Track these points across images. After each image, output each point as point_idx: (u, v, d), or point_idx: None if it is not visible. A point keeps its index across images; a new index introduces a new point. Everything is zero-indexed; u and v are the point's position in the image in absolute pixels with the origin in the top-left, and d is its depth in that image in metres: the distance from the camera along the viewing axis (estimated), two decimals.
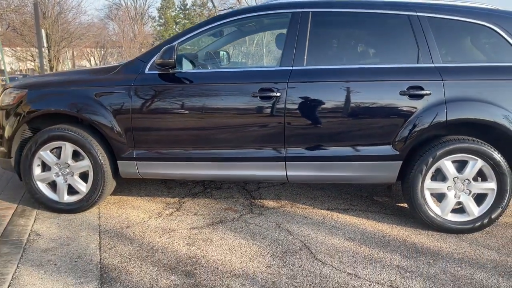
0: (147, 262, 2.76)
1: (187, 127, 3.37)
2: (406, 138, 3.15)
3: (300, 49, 3.25)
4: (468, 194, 3.19)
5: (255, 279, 2.56)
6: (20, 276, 2.57)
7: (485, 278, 2.60)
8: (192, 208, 3.74)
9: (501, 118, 3.07)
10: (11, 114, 3.55)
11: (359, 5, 3.35)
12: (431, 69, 3.13)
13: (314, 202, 3.90)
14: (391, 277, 2.60)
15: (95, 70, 3.90)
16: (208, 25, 3.45)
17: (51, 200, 3.56)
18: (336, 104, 3.22)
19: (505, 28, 3.18)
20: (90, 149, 3.41)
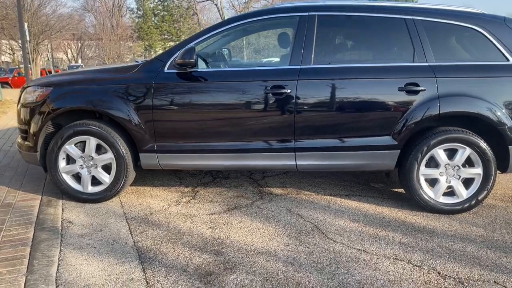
0: (178, 244, 3.06)
1: (205, 122, 3.67)
2: (403, 129, 3.52)
3: (308, 49, 3.58)
4: (457, 179, 3.59)
5: (277, 255, 2.90)
6: (66, 258, 2.84)
7: (475, 250, 3.00)
8: (206, 196, 4.05)
9: (486, 110, 3.47)
10: (36, 111, 3.77)
11: (360, 9, 3.69)
12: (426, 68, 3.50)
13: (317, 189, 4.26)
14: (395, 251, 2.98)
15: (115, 69, 4.13)
16: (222, 27, 3.73)
17: (76, 190, 3.82)
18: (340, 99, 3.56)
19: (489, 30, 3.57)
20: (114, 143, 3.67)
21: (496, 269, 2.74)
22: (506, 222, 3.49)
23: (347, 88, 3.55)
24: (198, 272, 2.68)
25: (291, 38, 3.78)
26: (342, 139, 3.59)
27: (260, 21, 3.83)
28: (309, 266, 2.75)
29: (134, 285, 2.52)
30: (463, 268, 2.75)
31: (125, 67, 3.94)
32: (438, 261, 2.83)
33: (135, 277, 2.62)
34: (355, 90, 3.55)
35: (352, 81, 3.55)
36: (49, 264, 2.74)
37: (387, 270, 2.72)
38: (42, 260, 2.78)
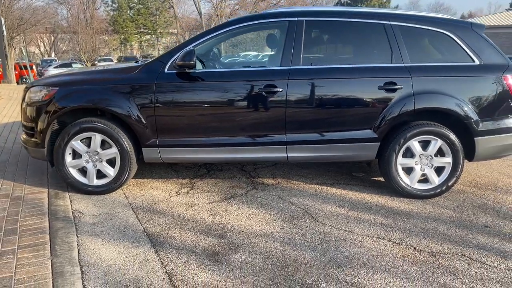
0: (184, 229, 3.39)
1: (204, 118, 3.98)
2: (383, 123, 3.93)
3: (297, 52, 3.94)
4: (430, 167, 4.03)
5: (274, 237, 3.27)
6: (84, 244, 3.13)
7: (445, 229, 3.44)
8: (204, 187, 4.38)
9: (455, 106, 3.91)
10: (43, 110, 4.00)
11: (344, 15, 4.07)
12: (402, 68, 3.91)
13: (305, 179, 4.65)
14: (377, 231, 3.39)
15: (118, 70, 4.38)
16: (219, 30, 4.04)
17: (82, 183, 4.08)
18: (327, 97, 3.94)
19: (457, 34, 4.01)
20: (118, 138, 3.95)
21: (463, 244, 3.18)
22: (472, 205, 3.95)
23: (333, 87, 3.93)
24: (206, 253, 3.02)
25: (281, 41, 4.10)
26: (328, 133, 3.98)
27: (254, 25, 4.16)
28: (303, 246, 3.13)
29: (150, 265, 2.85)
30: (435, 244, 3.18)
31: (127, 68, 4.21)
32: (414, 239, 3.26)
33: (150, 258, 2.94)
34: (340, 88, 3.94)
35: (337, 80, 3.93)
36: (70, 249, 3.03)
37: (370, 247, 3.13)
38: (62, 245, 3.06)
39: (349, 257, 2.97)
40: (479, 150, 3.99)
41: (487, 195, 4.22)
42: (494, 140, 4.00)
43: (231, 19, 4.31)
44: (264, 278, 2.70)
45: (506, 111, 4.00)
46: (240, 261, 2.91)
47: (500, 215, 3.73)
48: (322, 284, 2.64)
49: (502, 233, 3.38)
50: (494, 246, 3.15)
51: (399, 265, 2.88)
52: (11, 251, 2.95)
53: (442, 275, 2.76)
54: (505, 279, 2.72)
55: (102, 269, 2.78)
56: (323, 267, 2.83)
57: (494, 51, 4.02)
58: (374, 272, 2.79)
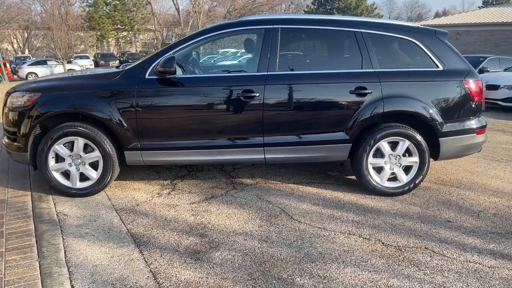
0: (167, 229, 3.55)
1: (184, 122, 4.14)
2: (354, 126, 4.16)
3: (273, 58, 4.13)
4: (399, 167, 4.29)
5: (252, 235, 3.47)
6: (70, 245, 3.26)
7: (412, 224, 3.70)
8: (185, 188, 4.54)
9: (421, 109, 4.17)
10: (26, 115, 4.09)
11: (317, 23, 4.29)
12: (372, 73, 4.15)
13: (282, 178, 4.86)
14: (349, 228, 3.62)
15: (100, 75, 4.47)
16: (198, 37, 4.21)
17: (66, 186, 4.19)
18: (302, 101, 4.15)
19: (423, 41, 4.27)
20: (101, 142, 4.08)
21: (427, 238, 3.44)
22: (437, 201, 4.23)
23: (307, 91, 4.14)
24: (188, 251, 3.19)
25: (258, 47, 4.28)
26: (303, 135, 4.19)
27: (231, 32, 4.33)
28: (280, 243, 3.34)
29: (135, 264, 3.00)
30: (401, 239, 3.43)
31: (109, 73, 4.32)
32: (383, 234, 3.50)
33: (135, 257, 3.10)
34: (314, 93, 4.15)
35: (311, 85, 4.14)
36: (57, 250, 3.16)
37: (342, 243, 3.36)
38: (49, 247, 3.19)
39: (322, 253, 3.19)
40: (444, 149, 4.27)
41: (451, 192, 4.51)
42: (457, 140, 4.29)
43: (209, 26, 4.46)
44: (243, 274, 2.89)
45: (467, 113, 4.29)
46: (220, 258, 3.09)
47: (462, 211, 4.01)
48: (297, 278, 2.85)
49: (463, 227, 3.65)
50: (455, 240, 3.42)
51: (368, 259, 3.11)
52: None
53: (406, 267, 3.00)
54: (463, 270, 2.98)
55: (89, 269, 2.93)
56: (298, 263, 3.05)
57: (457, 57, 4.30)
58: (345, 266, 3.01)
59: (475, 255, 3.18)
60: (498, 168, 5.45)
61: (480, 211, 4.00)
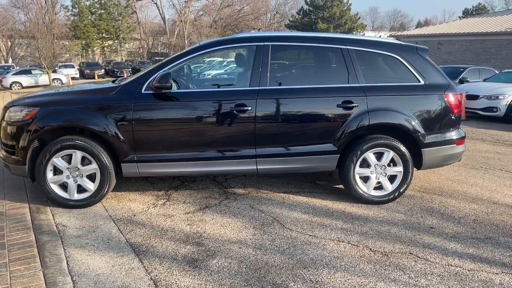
0: (164, 239, 3.70)
1: (179, 135, 4.30)
2: (341, 137, 4.38)
3: (264, 73, 4.33)
4: (384, 176, 4.51)
5: (247, 243, 3.63)
6: (71, 255, 3.39)
7: (397, 231, 3.91)
8: (179, 198, 4.69)
9: (404, 121, 4.41)
10: (24, 129, 4.20)
11: (305, 40, 4.52)
12: (358, 88, 4.38)
13: (273, 188, 5.05)
14: (338, 235, 3.82)
15: (97, 90, 4.62)
16: (193, 53, 4.39)
17: (63, 198, 4.30)
18: (292, 114, 4.35)
19: (405, 57, 4.53)
20: (98, 155, 4.21)
21: (412, 244, 3.65)
22: (421, 209, 4.46)
23: (297, 105, 4.35)
24: (186, 260, 3.35)
25: (249, 62, 4.48)
26: (293, 146, 4.39)
27: (224, 49, 4.53)
28: (273, 250, 3.52)
29: (136, 273, 3.15)
30: (388, 244, 3.64)
31: (106, 88, 4.47)
32: (370, 241, 3.71)
33: (135, 266, 3.24)
34: (303, 106, 4.36)
35: (300, 99, 4.35)
36: (59, 260, 3.28)
37: (332, 249, 3.55)
38: (51, 258, 3.31)
39: (314, 259, 3.37)
40: (426, 159, 4.51)
41: (434, 199, 4.74)
42: (438, 151, 4.54)
43: (203, 42, 4.65)
44: (239, 280, 3.06)
45: (448, 125, 4.55)
46: (217, 266, 3.25)
47: (444, 217, 4.24)
48: (291, 284, 3.02)
49: (445, 233, 3.88)
50: (437, 245, 3.64)
51: (357, 264, 3.31)
52: (3, 264, 3.18)
53: (392, 271, 3.20)
54: (445, 273, 3.19)
55: (91, 278, 3.06)
56: (291, 269, 3.22)
57: (437, 72, 4.57)
58: (335, 271, 3.20)
59: (456, 259, 3.40)
60: (478, 176, 5.72)
61: (460, 218, 4.24)
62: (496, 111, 10.86)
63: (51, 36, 34.40)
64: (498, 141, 8.41)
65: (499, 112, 10.81)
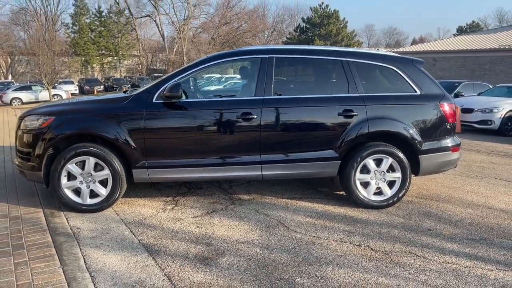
0: (175, 240, 3.88)
1: (188, 142, 4.51)
2: (342, 144, 4.60)
3: (269, 84, 4.57)
4: (384, 181, 4.72)
5: (254, 243, 3.82)
6: (88, 254, 3.56)
7: (397, 232, 4.11)
8: (187, 203, 4.88)
9: (402, 129, 4.64)
10: (40, 136, 4.41)
11: (307, 52, 4.78)
12: (358, 97, 4.62)
13: (276, 194, 5.24)
14: (340, 236, 4.01)
15: (111, 99, 4.84)
16: (201, 65, 4.64)
17: (76, 203, 4.48)
18: (295, 122, 4.58)
19: (402, 69, 4.79)
20: (111, 161, 4.41)
21: (411, 244, 3.84)
22: (419, 213, 4.66)
23: (300, 114, 4.58)
24: (197, 258, 3.53)
25: (254, 74, 4.71)
26: (297, 153, 4.60)
27: (231, 61, 4.79)
28: (279, 249, 3.70)
29: (150, 269, 3.32)
30: (388, 244, 3.83)
31: (118, 98, 4.70)
32: (371, 241, 3.90)
33: (149, 263, 3.41)
34: (306, 115, 4.59)
35: (303, 108, 4.58)
36: (77, 259, 3.46)
37: (335, 249, 3.73)
38: (69, 256, 3.48)
39: (318, 257, 3.56)
40: (423, 166, 4.73)
41: (431, 205, 4.95)
42: (435, 157, 4.76)
43: (211, 55, 4.90)
44: (249, 275, 3.24)
45: (443, 133, 4.79)
46: (227, 263, 3.43)
47: (441, 221, 4.44)
48: (297, 279, 3.20)
49: (442, 235, 4.07)
50: (435, 245, 3.83)
51: (359, 262, 3.49)
52: (24, 262, 3.35)
53: (393, 268, 3.39)
54: (442, 269, 3.38)
55: (109, 274, 3.23)
56: (297, 266, 3.41)
57: (432, 83, 4.82)
58: (339, 268, 3.38)
59: (453, 257, 3.59)
60: (473, 183, 5.94)
61: (457, 221, 4.44)
62: (491, 124, 11.14)
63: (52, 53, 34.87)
64: (492, 152, 8.66)
65: (494, 125, 11.10)
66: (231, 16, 56.65)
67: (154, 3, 56.84)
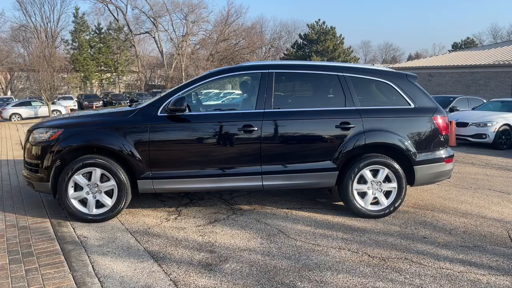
0: (179, 247, 4.02)
1: (191, 153, 4.68)
2: (340, 156, 4.77)
3: (269, 97, 4.76)
4: (380, 192, 4.88)
5: (256, 251, 3.96)
6: (96, 261, 3.69)
7: (393, 240, 4.25)
8: (189, 214, 5.03)
9: (397, 141, 4.83)
10: (49, 149, 4.57)
11: (305, 68, 5.00)
12: (354, 111, 4.81)
13: (276, 205, 5.39)
14: (339, 244, 4.15)
15: (117, 113, 5.02)
16: (204, 80, 4.84)
17: (83, 213, 4.62)
18: (294, 134, 4.76)
19: (396, 83, 4.99)
20: (117, 172, 4.57)
21: (407, 251, 3.99)
22: (414, 222, 4.81)
23: (299, 126, 4.76)
24: (201, 264, 3.66)
25: (254, 88, 4.91)
26: (296, 164, 4.77)
27: (233, 76, 4.99)
28: (280, 256, 3.84)
29: (156, 275, 3.45)
30: (385, 251, 3.97)
31: (124, 111, 4.87)
32: (369, 248, 4.04)
33: (155, 269, 3.55)
34: (305, 127, 4.77)
35: (302, 120, 4.77)
36: (85, 265, 3.59)
37: (334, 255, 3.88)
38: (78, 263, 3.61)
39: (318, 263, 3.70)
40: (418, 176, 4.90)
41: (426, 214, 5.10)
42: (429, 168, 4.93)
43: (213, 70, 5.10)
44: (251, 280, 3.37)
45: (437, 145, 4.97)
46: (230, 269, 3.57)
47: (436, 229, 4.59)
48: (298, 283, 3.34)
49: (437, 242, 4.22)
50: (430, 252, 3.98)
51: (357, 267, 3.63)
52: (34, 269, 3.48)
53: (389, 273, 3.53)
54: (437, 274, 3.52)
55: (117, 279, 3.37)
56: (298, 271, 3.54)
57: (425, 97, 5.03)
58: (337, 273, 3.52)
59: (447, 263, 3.74)
60: (467, 194, 6.11)
61: (451, 229, 4.59)
62: (485, 138, 11.35)
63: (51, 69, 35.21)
64: (487, 164, 8.84)
65: (488, 139, 11.31)
66: (229, 32, 57.46)
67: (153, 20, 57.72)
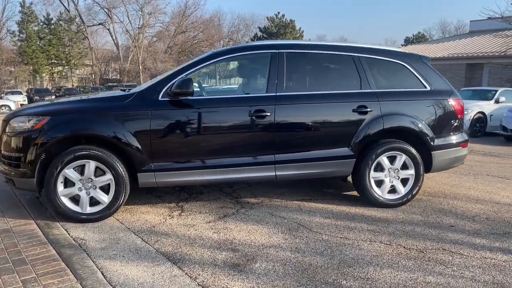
0: (196, 247, 3.55)
1: (198, 142, 4.20)
2: (358, 142, 4.46)
3: (281, 80, 4.36)
4: (397, 179, 4.61)
5: (281, 247, 3.57)
6: (104, 267, 3.16)
7: (421, 230, 3.99)
8: (193, 209, 4.55)
9: (415, 125, 4.57)
10: (32, 139, 3.94)
11: (318, 48, 4.63)
12: (371, 93, 4.51)
13: (284, 197, 5.01)
14: (367, 236, 3.84)
15: (112, 98, 4.44)
16: (210, 60, 4.36)
17: (75, 212, 4.04)
18: (309, 119, 4.39)
19: (411, 64, 4.73)
20: (113, 164, 4.02)
21: (441, 241, 3.73)
22: (433, 210, 4.59)
23: (314, 110, 4.39)
24: (227, 265, 3.22)
25: (264, 70, 4.48)
26: (311, 151, 4.40)
27: (240, 56, 4.54)
28: (311, 252, 3.47)
29: (180, 280, 2.99)
30: (418, 242, 3.70)
31: (119, 96, 4.31)
32: (400, 239, 3.75)
33: (177, 274, 3.08)
34: (320, 111, 4.41)
35: (317, 104, 4.41)
36: (93, 272, 3.06)
37: (368, 249, 3.55)
38: (84, 270, 3.08)
39: (355, 258, 3.36)
40: (435, 162, 4.68)
41: (441, 202, 4.90)
42: (446, 153, 4.73)
43: (218, 49, 4.63)
44: (291, 280, 2.98)
45: (454, 129, 4.78)
46: (262, 269, 3.16)
47: (459, 217, 4.39)
48: (343, 282, 2.98)
49: (466, 231, 4.00)
50: (465, 241, 3.75)
51: (398, 261, 3.33)
52: (33, 279, 2.92)
53: (435, 266, 3.25)
54: (484, 265, 3.28)
55: (135, 287, 2.87)
56: (337, 268, 3.19)
57: (440, 79, 4.80)
58: (380, 268, 3.20)
59: (487, 252, 3.51)
60: (470, 181, 6.00)
61: (473, 217, 4.40)
62: None
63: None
64: (472, 151, 8.87)
65: (464, 127, 11.42)
66: (187, 25, 56.14)
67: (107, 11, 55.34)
